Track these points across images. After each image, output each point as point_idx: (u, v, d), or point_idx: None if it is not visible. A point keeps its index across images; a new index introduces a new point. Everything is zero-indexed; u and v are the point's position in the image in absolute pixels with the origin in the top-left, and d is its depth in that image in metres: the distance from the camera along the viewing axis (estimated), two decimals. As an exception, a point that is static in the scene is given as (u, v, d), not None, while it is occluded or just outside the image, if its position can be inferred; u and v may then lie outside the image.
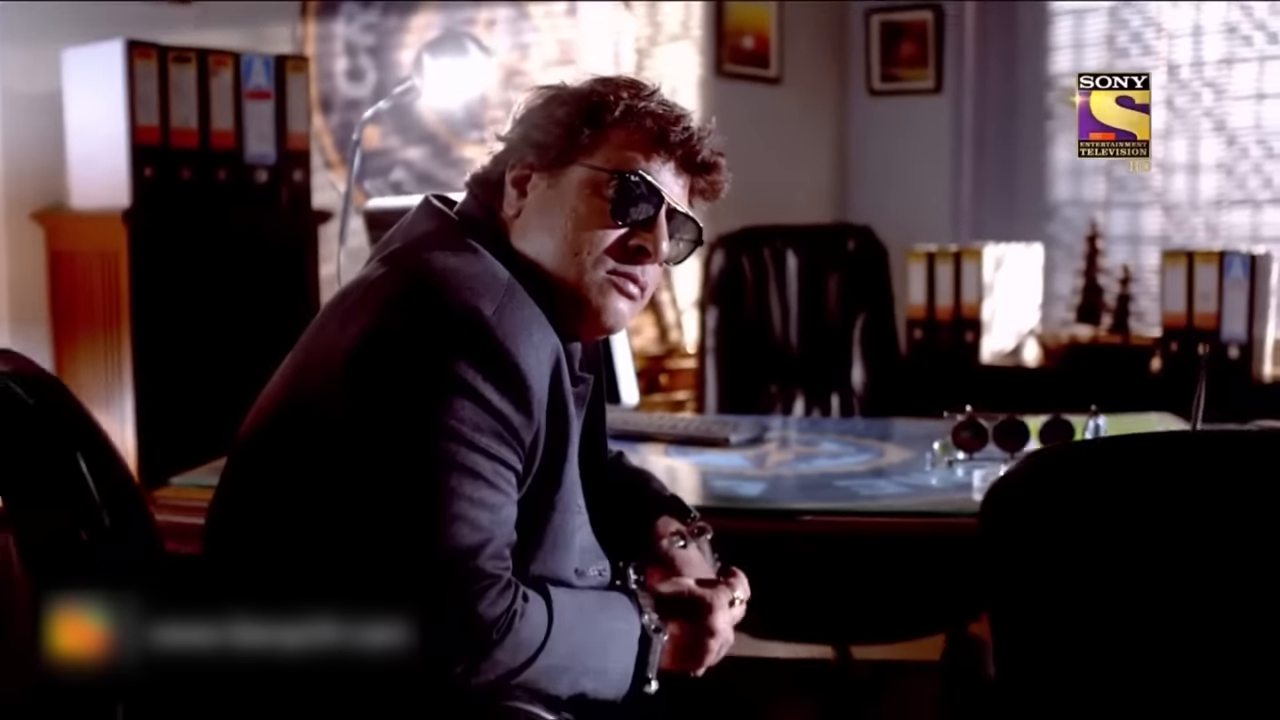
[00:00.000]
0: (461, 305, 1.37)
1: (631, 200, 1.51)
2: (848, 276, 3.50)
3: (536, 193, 1.55)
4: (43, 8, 3.39)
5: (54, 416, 1.31)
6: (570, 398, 1.44)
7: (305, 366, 1.49)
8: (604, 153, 1.52)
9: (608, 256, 1.51)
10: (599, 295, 1.50)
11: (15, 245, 3.40)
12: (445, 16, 4.23)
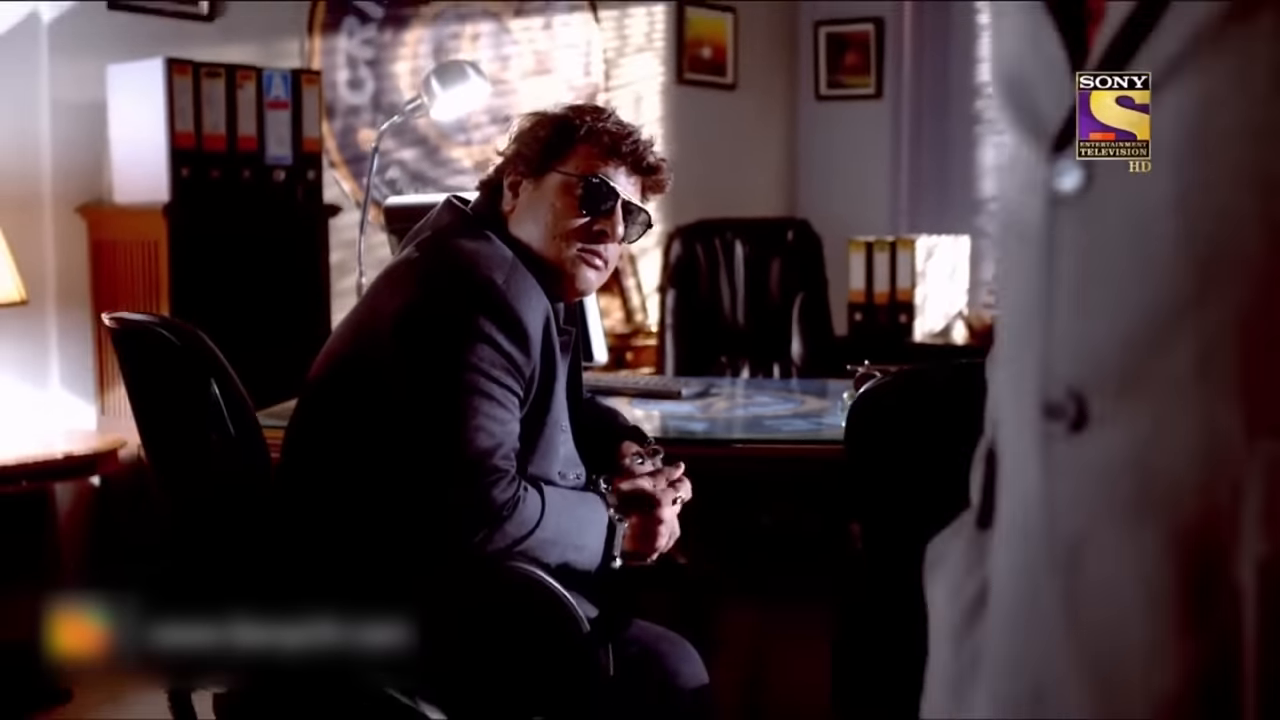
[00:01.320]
0: (481, 277, 1.89)
1: (594, 197, 2.03)
2: (787, 263, 4.01)
3: (526, 194, 2.06)
4: (86, 27, 3.86)
5: (194, 353, 1.82)
6: (557, 345, 1.96)
7: (363, 323, 2.01)
8: (574, 162, 2.04)
9: (578, 239, 2.03)
10: (573, 267, 2.02)
11: (62, 236, 3.83)
12: (435, 32, 4.70)
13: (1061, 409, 0.71)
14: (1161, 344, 0.67)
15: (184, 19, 4.03)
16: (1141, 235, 0.68)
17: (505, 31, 4.93)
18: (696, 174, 5.48)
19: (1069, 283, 0.71)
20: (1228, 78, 0.65)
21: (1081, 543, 0.71)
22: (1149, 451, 0.68)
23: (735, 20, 5.75)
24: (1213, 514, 0.66)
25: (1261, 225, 0.64)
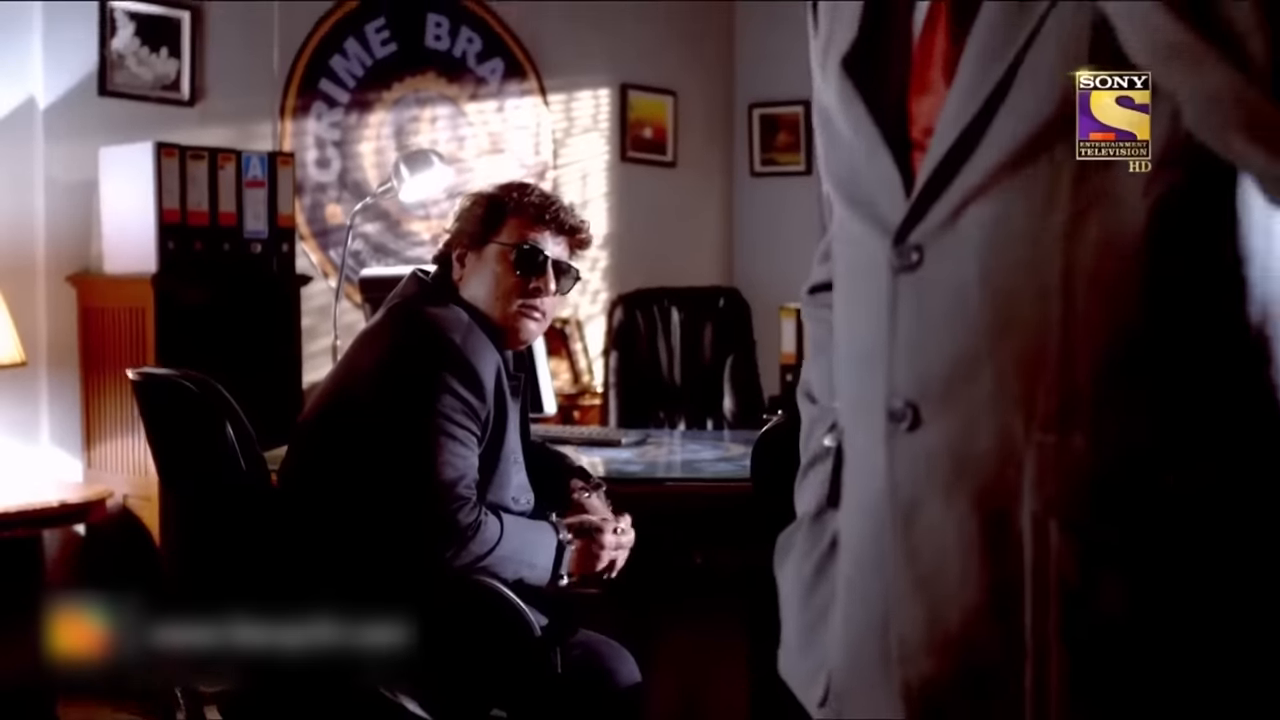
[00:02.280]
0: (444, 339, 2.27)
1: (528, 261, 2.42)
2: (719, 327, 4.40)
3: (470, 264, 2.46)
4: (78, 112, 4.20)
5: (210, 400, 2.18)
6: (508, 391, 2.33)
7: (343, 377, 2.38)
8: (506, 233, 2.44)
9: (517, 297, 2.41)
10: (515, 321, 2.41)
11: (53, 303, 4.14)
12: (397, 115, 5.07)
13: (902, 414, 1.03)
14: (970, 372, 1.01)
15: (168, 105, 4.39)
16: (956, 299, 1.01)
17: (461, 114, 5.30)
18: (639, 245, 5.87)
19: (905, 330, 1.04)
20: (1015, 198, 0.99)
21: (915, 507, 1.04)
22: (962, 443, 1.01)
23: (675, 102, 6.07)
24: (1003, 484, 0.99)
25: (1034, 296, 0.99)
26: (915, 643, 1.04)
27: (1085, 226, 0.95)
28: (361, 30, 4.95)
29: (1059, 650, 0.97)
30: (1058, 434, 0.97)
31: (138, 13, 4.32)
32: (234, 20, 4.57)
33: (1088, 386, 0.96)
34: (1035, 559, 0.97)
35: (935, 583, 1.03)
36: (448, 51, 5.22)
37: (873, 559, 1.08)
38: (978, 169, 0.99)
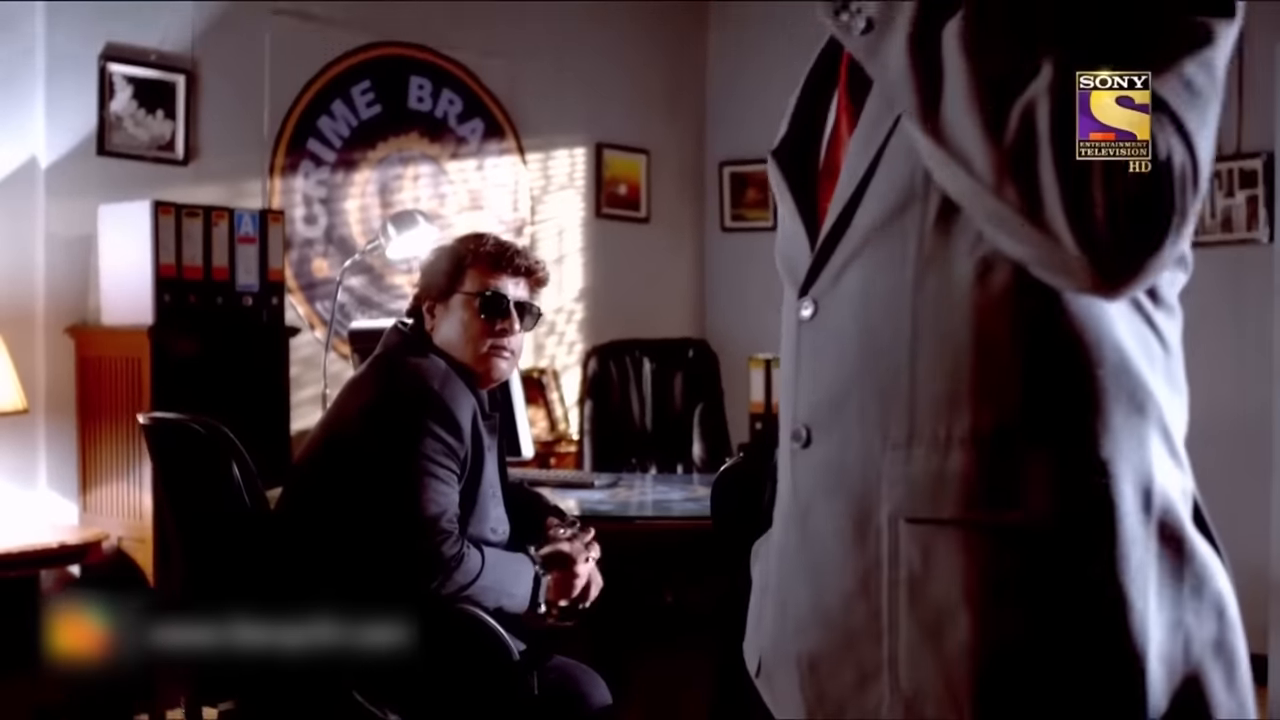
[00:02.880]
0: (424, 386, 2.49)
1: (492, 305, 2.64)
2: (688, 377, 4.62)
3: (440, 315, 2.69)
4: (78, 171, 4.41)
5: (219, 442, 2.37)
6: (484, 431, 2.54)
7: (333, 421, 2.58)
8: (469, 282, 2.67)
9: (486, 339, 2.63)
10: (486, 362, 2.64)
11: (51, 353, 4.33)
12: (381, 173, 5.29)
13: (799, 436, 1.28)
14: (843, 401, 1.25)
15: (163, 164, 4.60)
16: (837, 343, 1.26)
17: (442, 172, 5.51)
18: (614, 298, 6.08)
19: (805, 369, 1.29)
20: (878, 261, 1.23)
21: (808, 510, 1.28)
22: (838, 458, 1.25)
23: (648, 161, 6.28)
24: (866, 490, 1.22)
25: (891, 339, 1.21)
26: (804, 618, 1.29)
27: (927, 282, 1.19)
28: (348, 92, 5.17)
29: (907, 622, 1.20)
30: (905, 449, 1.20)
31: (135, 76, 4.53)
32: (226, 83, 4.79)
33: (928, 411, 1.19)
34: (890, 550, 1.21)
35: (819, 570, 1.27)
36: (430, 112, 5.44)
37: (782, 549, 1.33)
38: (853, 238, 1.24)
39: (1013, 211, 1.05)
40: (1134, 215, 1.02)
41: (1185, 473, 1.24)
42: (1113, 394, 1.18)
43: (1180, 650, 1.19)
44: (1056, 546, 1.16)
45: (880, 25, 1.12)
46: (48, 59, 4.36)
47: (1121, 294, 1.10)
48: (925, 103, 1.08)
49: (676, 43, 6.35)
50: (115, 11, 4.51)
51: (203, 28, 4.72)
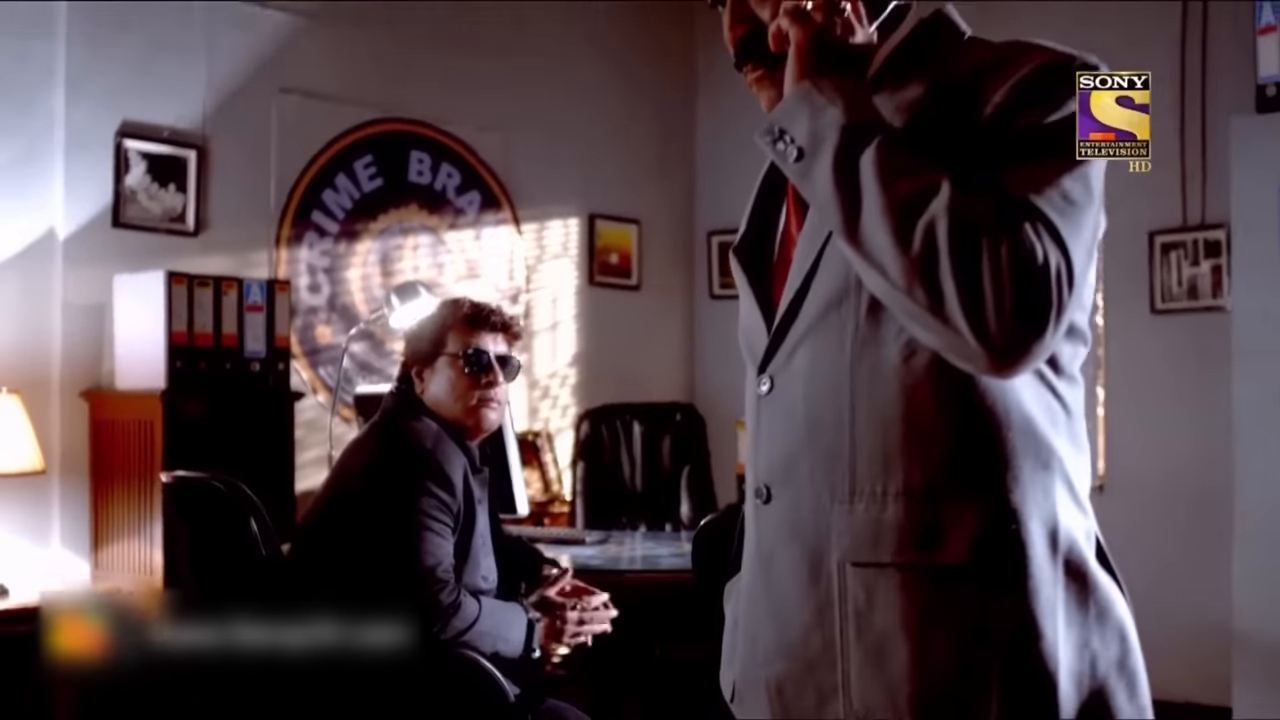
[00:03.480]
0: (417, 445, 2.69)
1: (475, 363, 2.86)
2: (676, 439, 4.82)
3: (428, 378, 2.91)
4: (93, 242, 4.61)
5: (237, 498, 2.57)
6: (475, 487, 2.75)
7: (337, 480, 2.79)
8: (451, 344, 2.90)
9: (473, 393, 2.84)
10: (475, 415, 2.86)
11: (66, 417, 4.53)
12: (382, 243, 5.51)
13: (761, 493, 1.49)
14: (796, 464, 1.45)
15: (175, 235, 4.82)
16: (789, 414, 1.47)
17: (441, 242, 5.73)
18: (606, 364, 6.29)
19: (764, 436, 1.50)
20: (822, 344, 1.44)
21: (770, 557, 1.48)
22: (793, 512, 1.45)
23: (639, 230, 6.49)
24: (818, 539, 1.43)
25: (833, 411, 1.43)
26: (770, 649, 1.49)
27: (862, 362, 1.40)
28: (351, 166, 5.40)
29: (856, 650, 1.41)
30: (849, 504, 1.41)
31: (149, 152, 4.76)
32: (235, 158, 5.01)
33: (866, 471, 1.40)
34: (840, 590, 1.42)
35: (781, 607, 1.48)
36: (429, 185, 5.67)
37: (750, 590, 1.54)
38: (801, 325, 1.46)
39: (921, 310, 1.26)
40: (1019, 311, 1.23)
41: (1088, 517, 1.45)
42: (1021, 452, 1.39)
43: (1088, 669, 1.39)
44: (978, 582, 1.37)
45: (809, 155, 1.33)
46: (67, 135, 4.58)
47: (1014, 374, 1.31)
48: (847, 220, 1.30)
49: (665, 117, 6.57)
50: (131, 90, 4.74)
51: (213, 105, 4.95)
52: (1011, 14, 5.05)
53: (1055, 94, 1.35)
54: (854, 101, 1.33)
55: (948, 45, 1.48)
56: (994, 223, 1.25)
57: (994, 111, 1.35)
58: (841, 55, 1.38)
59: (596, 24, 6.28)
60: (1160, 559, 5.20)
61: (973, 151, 1.32)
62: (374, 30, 5.45)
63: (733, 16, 1.51)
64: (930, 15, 1.53)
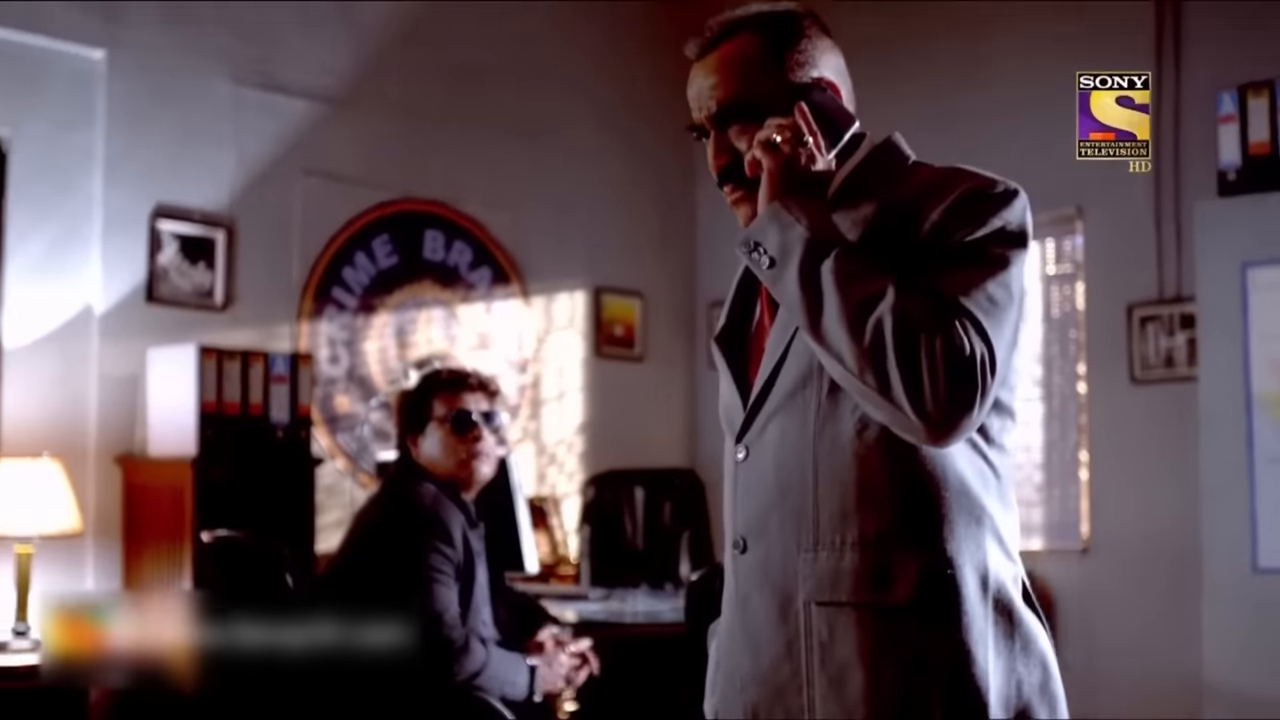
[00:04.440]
0: (421, 506, 3.00)
1: (461, 423, 3.20)
2: (677, 503, 5.08)
3: (420, 444, 3.25)
4: (128, 317, 4.91)
5: (274, 556, 2.84)
6: (473, 541, 3.03)
7: (352, 537, 3.07)
8: (438, 409, 3.24)
9: (464, 450, 3.16)
10: (467, 470, 3.19)
11: (100, 481, 4.81)
12: (398, 317, 5.80)
13: (738, 544, 1.75)
14: (767, 520, 1.72)
15: (204, 310, 5.12)
16: (761, 479, 1.73)
17: (453, 316, 6.01)
18: (611, 431, 6.54)
19: (740, 497, 1.77)
20: (789, 420, 1.72)
21: (746, 599, 1.74)
22: (765, 561, 1.72)
23: (643, 303, 6.75)
24: (787, 583, 1.68)
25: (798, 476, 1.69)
26: (746, 678, 1.75)
27: (823, 435, 1.66)
28: (369, 245, 5.71)
29: (820, 678, 1.67)
30: (812, 553, 1.67)
31: (180, 233, 5.07)
32: (261, 237, 5.33)
33: (827, 525, 1.67)
34: (805, 626, 1.68)
35: (756, 642, 1.74)
36: (442, 262, 5.97)
37: (729, 630, 1.80)
38: (772, 403, 1.72)
39: (872, 391, 1.53)
40: (950, 393, 1.51)
41: (1016, 565, 1.72)
42: (956, 509, 1.66)
43: (1014, 691, 1.65)
44: (920, 618, 1.63)
45: (779, 264, 1.61)
46: (105, 217, 4.90)
47: (948, 444, 1.58)
48: (811, 318, 1.57)
49: (667, 194, 6.86)
50: (164, 174, 5.06)
51: (240, 188, 5.27)
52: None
53: (981, 214, 1.64)
54: (816, 219, 1.62)
55: (896, 169, 1.77)
56: (930, 320, 1.52)
57: (931, 228, 1.63)
58: (805, 180, 1.67)
59: (603, 109, 6.60)
60: (1142, 616, 5.44)
61: (915, 260, 1.61)
62: (391, 116, 5.77)
63: (715, 148, 1.79)
64: (882, 142, 1.82)
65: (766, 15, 1.80)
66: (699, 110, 1.81)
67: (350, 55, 5.68)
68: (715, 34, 1.81)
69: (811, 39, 1.79)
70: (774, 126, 1.70)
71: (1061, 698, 1.72)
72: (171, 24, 5.11)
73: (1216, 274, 4.50)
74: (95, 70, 4.90)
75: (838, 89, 1.79)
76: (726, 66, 1.78)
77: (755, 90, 1.76)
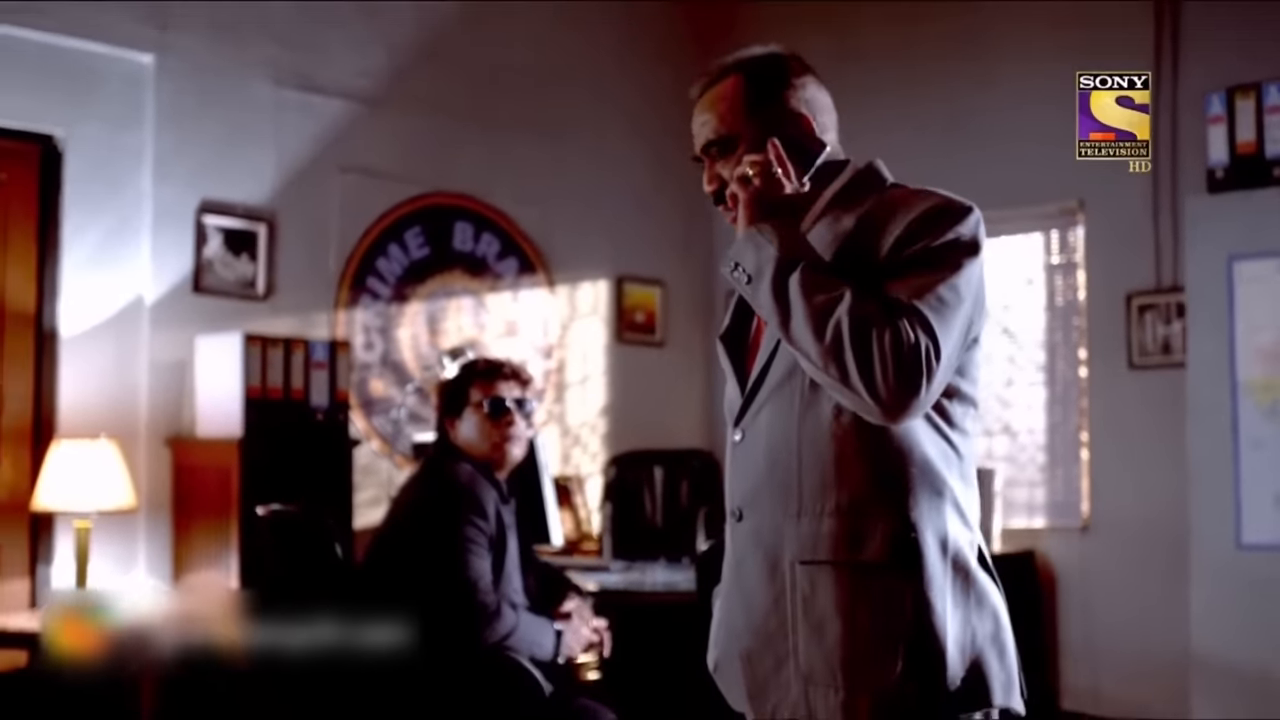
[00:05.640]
0: (457, 484, 3.27)
1: (496, 409, 3.47)
2: (694, 482, 5.36)
3: (457, 426, 3.50)
4: (177, 307, 5.20)
5: (325, 527, 3.13)
6: (505, 514, 3.32)
7: (396, 512, 3.36)
8: (475, 395, 3.50)
9: (497, 434, 3.44)
10: (499, 451, 3.46)
11: (151, 461, 5.10)
12: (429, 305, 6.09)
13: (735, 513, 2.03)
14: (758, 493, 1.99)
15: (246, 300, 5.41)
16: (753, 458, 2.00)
17: (482, 304, 6.30)
18: (632, 414, 6.82)
19: (738, 474, 2.04)
20: (778, 407, 1.99)
21: (742, 560, 2.02)
22: (757, 527, 1.99)
23: (664, 292, 7.04)
24: (776, 546, 1.95)
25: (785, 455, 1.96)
26: (740, 629, 2.02)
27: (806, 420, 1.93)
28: (402, 237, 5.99)
29: (803, 626, 1.93)
30: (796, 520, 1.94)
31: (225, 226, 5.36)
32: (300, 230, 5.61)
33: (809, 496, 1.93)
34: (791, 582, 1.95)
35: (749, 598, 2.01)
36: (471, 252, 6.26)
37: (727, 590, 2.08)
38: (764, 394, 1.99)
39: (834, 381, 1.81)
40: (899, 380, 1.78)
41: (973, 532, 1.99)
42: (920, 482, 1.93)
43: (969, 640, 1.92)
44: (888, 575, 1.90)
45: (755, 280, 1.88)
46: (154, 212, 5.18)
47: (901, 422, 1.85)
48: (783, 324, 1.84)
49: (687, 190, 7.03)
50: (209, 171, 5.35)
51: (281, 184, 5.56)
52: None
53: (939, 227, 1.90)
54: (785, 240, 1.89)
55: (875, 189, 2.04)
56: (880, 319, 1.79)
57: (894, 241, 1.90)
58: (776, 205, 1.94)
59: (624, 109, 6.88)
60: (1138, 590, 5.71)
61: (879, 268, 1.88)
62: (422, 115, 6.06)
63: (708, 176, 2.08)
64: (864, 166, 2.09)
65: (751, 59, 2.08)
66: (696, 143, 2.10)
67: (384, 58, 5.97)
68: (711, 77, 2.09)
69: (790, 78, 2.07)
70: (748, 162, 1.98)
71: (1011, 646, 1.98)
72: (216, 30, 5.40)
73: (1205, 267, 4.74)
74: (145, 74, 5.19)
75: (810, 121, 2.05)
76: (713, 106, 2.07)
77: (734, 127, 2.04)
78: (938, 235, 1.89)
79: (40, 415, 4.93)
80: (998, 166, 6.18)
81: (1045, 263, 6.25)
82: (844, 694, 1.89)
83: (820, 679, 1.91)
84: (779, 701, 1.96)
